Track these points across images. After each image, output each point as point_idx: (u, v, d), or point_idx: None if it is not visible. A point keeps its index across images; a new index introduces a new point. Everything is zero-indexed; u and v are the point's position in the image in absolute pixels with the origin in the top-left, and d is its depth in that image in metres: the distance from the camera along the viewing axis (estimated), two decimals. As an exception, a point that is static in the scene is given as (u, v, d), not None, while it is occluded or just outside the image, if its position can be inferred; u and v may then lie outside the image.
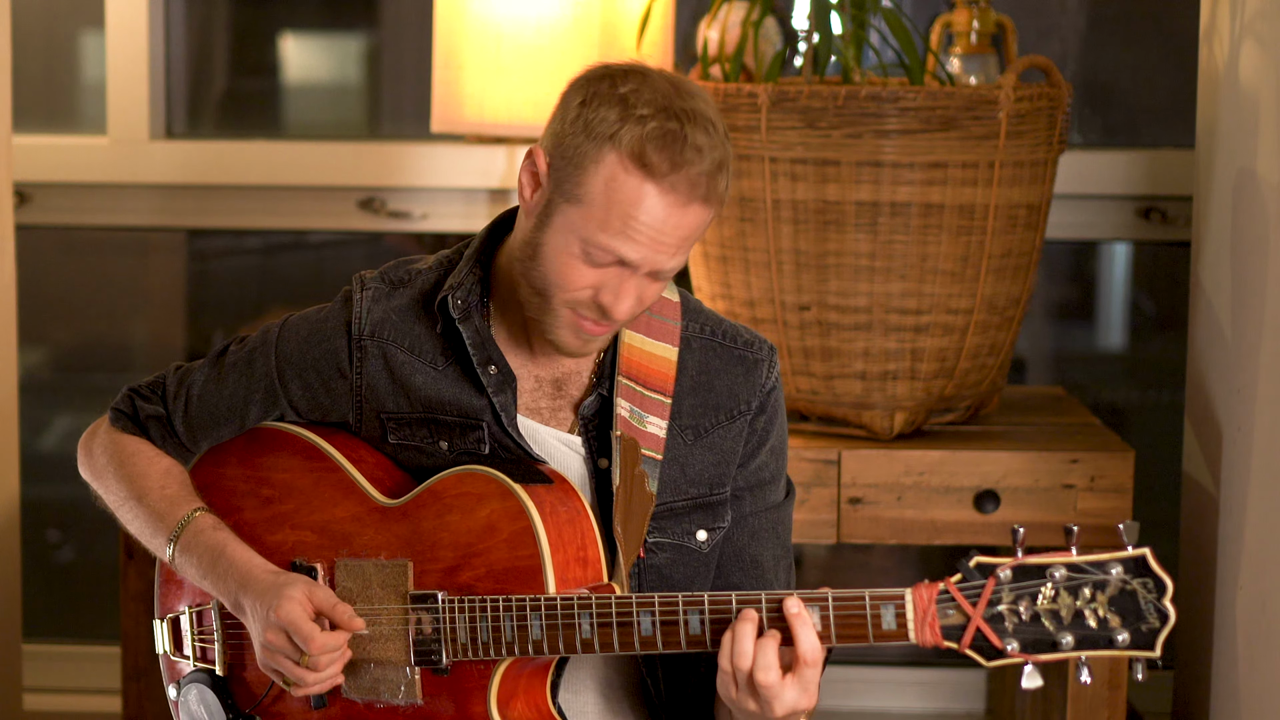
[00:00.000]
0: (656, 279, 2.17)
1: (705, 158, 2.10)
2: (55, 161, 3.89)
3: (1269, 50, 2.80)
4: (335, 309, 2.33)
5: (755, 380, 2.32)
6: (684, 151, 2.10)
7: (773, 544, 2.34)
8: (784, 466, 2.36)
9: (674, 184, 2.10)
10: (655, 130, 2.10)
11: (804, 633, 2.03)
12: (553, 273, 2.16)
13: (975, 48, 3.34)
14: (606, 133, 2.11)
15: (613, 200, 2.11)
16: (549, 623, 2.12)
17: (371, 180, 3.85)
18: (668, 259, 2.14)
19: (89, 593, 4.10)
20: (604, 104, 2.13)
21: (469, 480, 2.19)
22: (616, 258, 2.13)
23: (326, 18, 4.14)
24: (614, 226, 2.12)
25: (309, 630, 2.16)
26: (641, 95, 2.12)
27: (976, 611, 1.98)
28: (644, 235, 2.12)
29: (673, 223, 2.12)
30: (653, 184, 2.10)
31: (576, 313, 2.18)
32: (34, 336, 4.03)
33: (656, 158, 2.09)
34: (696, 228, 2.14)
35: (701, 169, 2.10)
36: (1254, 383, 2.80)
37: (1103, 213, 3.79)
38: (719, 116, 2.15)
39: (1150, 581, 1.95)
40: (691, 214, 2.12)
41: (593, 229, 2.13)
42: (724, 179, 2.13)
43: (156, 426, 2.38)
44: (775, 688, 2.04)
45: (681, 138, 2.10)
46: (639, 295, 2.16)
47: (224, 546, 2.26)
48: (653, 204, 2.11)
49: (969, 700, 3.90)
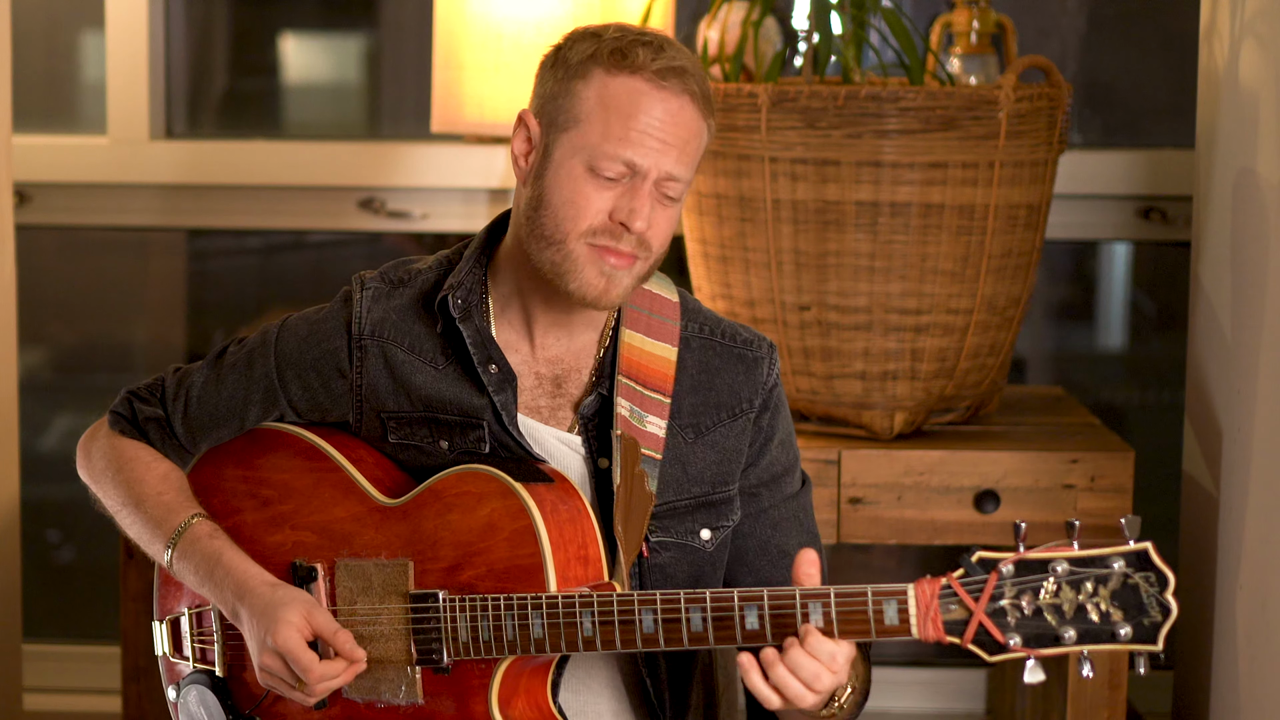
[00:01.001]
0: (666, 199, 2.18)
1: (686, 58, 2.18)
2: (55, 161, 3.89)
3: (1269, 50, 2.80)
4: (335, 309, 2.33)
5: (756, 378, 2.32)
6: (665, 49, 2.17)
7: (797, 532, 2.34)
8: (796, 458, 2.36)
9: (662, 74, 2.16)
10: (631, 39, 2.17)
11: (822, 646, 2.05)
12: (563, 206, 2.18)
13: (975, 48, 3.34)
14: (586, 56, 2.18)
15: (609, 106, 2.16)
16: (550, 621, 2.12)
17: (371, 180, 3.85)
18: (674, 161, 2.17)
19: (89, 593, 4.09)
20: (577, 43, 2.20)
21: (470, 479, 2.19)
22: (623, 163, 2.16)
23: (326, 18, 4.14)
24: (615, 131, 2.16)
25: (307, 661, 2.15)
26: (609, 28, 2.20)
27: (979, 606, 1.98)
28: (646, 133, 2.16)
29: (670, 117, 2.16)
30: (642, 79, 2.16)
31: (594, 245, 2.18)
32: (34, 336, 4.03)
33: (641, 53, 2.16)
34: (695, 130, 2.18)
35: (685, 64, 2.17)
36: (1254, 383, 2.80)
37: (1103, 213, 3.79)
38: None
39: (1152, 575, 1.95)
40: (686, 110, 2.17)
41: (595, 140, 2.16)
42: (709, 90, 2.19)
43: (155, 428, 2.38)
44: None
45: (658, 42, 2.18)
46: (654, 216, 2.18)
47: (220, 554, 2.26)
48: (648, 99, 2.16)
49: (969, 700, 3.90)
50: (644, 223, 2.17)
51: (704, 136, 2.21)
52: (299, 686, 2.17)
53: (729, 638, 2.07)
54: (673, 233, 2.23)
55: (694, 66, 2.19)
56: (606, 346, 2.30)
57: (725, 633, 2.07)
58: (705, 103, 2.20)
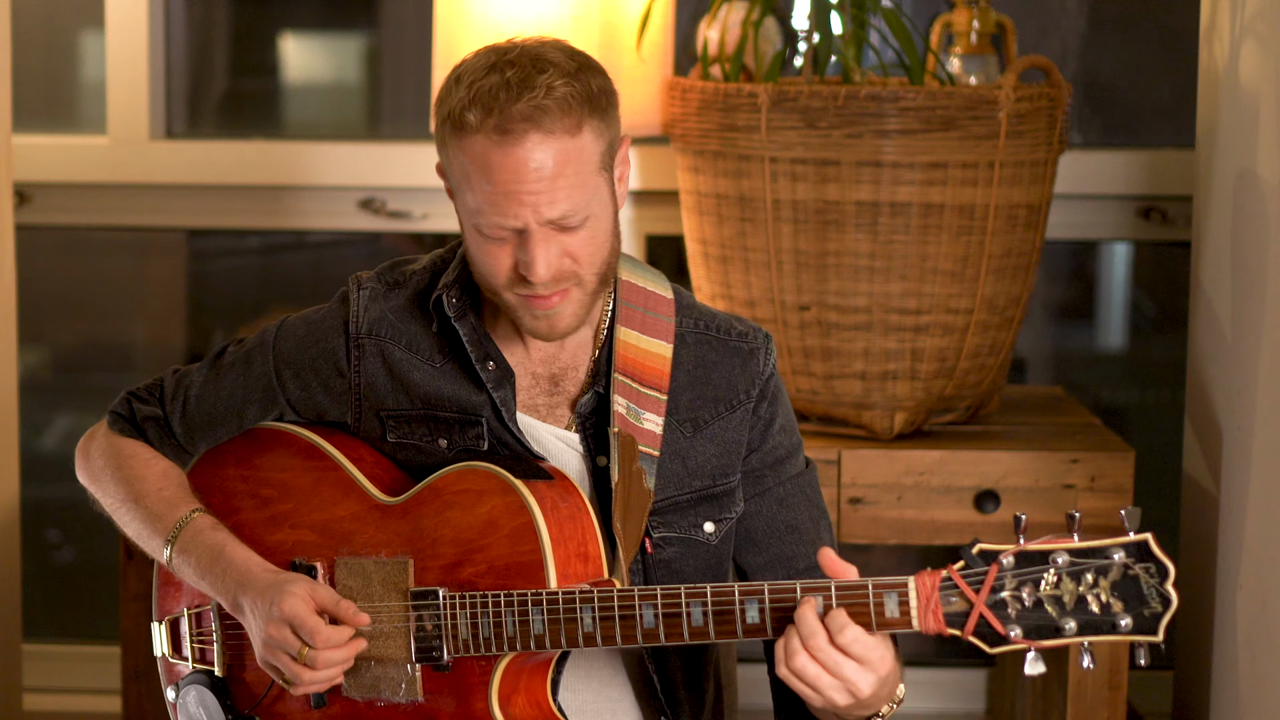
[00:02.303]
0: (567, 229, 2.14)
1: (530, 91, 2.09)
2: (55, 161, 3.89)
3: (1269, 50, 2.80)
4: (332, 309, 2.34)
5: (753, 369, 2.32)
6: (495, 96, 2.10)
7: (805, 506, 2.34)
8: (799, 443, 2.36)
9: (499, 127, 2.10)
10: (474, 91, 2.11)
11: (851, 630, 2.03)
12: (480, 265, 2.19)
13: (975, 48, 3.34)
14: (445, 114, 2.14)
15: (469, 174, 2.13)
16: (551, 617, 2.12)
17: (371, 180, 3.85)
18: (548, 205, 2.12)
19: (89, 593, 4.10)
20: (445, 95, 2.16)
21: (470, 476, 2.20)
22: (501, 227, 2.14)
23: (326, 18, 4.14)
24: (481, 199, 2.13)
25: (314, 623, 2.16)
26: (472, 64, 2.15)
27: (979, 598, 1.98)
28: (506, 194, 2.11)
29: (521, 165, 2.10)
30: (480, 137, 2.11)
31: (517, 294, 2.18)
32: (34, 336, 4.03)
33: (472, 114, 2.10)
34: (559, 160, 2.11)
35: (523, 104, 2.09)
36: (1254, 383, 2.80)
37: (1103, 213, 3.79)
38: (559, 57, 2.14)
39: (1152, 566, 1.95)
40: (533, 147, 2.10)
41: (473, 210, 2.14)
42: (574, 101, 2.11)
43: (154, 428, 2.38)
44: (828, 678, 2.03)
45: (500, 84, 2.10)
46: (562, 251, 2.15)
47: (223, 547, 2.26)
48: (494, 157, 2.10)
49: (969, 700, 3.90)
50: (544, 269, 2.14)
51: (580, 151, 2.13)
52: (302, 655, 2.17)
53: (730, 632, 2.07)
54: (608, 239, 2.19)
55: (548, 87, 2.10)
56: (602, 344, 2.30)
57: (726, 627, 2.07)
58: (568, 117, 2.11)
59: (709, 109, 3.08)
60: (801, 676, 2.02)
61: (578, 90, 2.12)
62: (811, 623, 2.01)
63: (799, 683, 2.03)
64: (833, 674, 2.02)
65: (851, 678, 2.02)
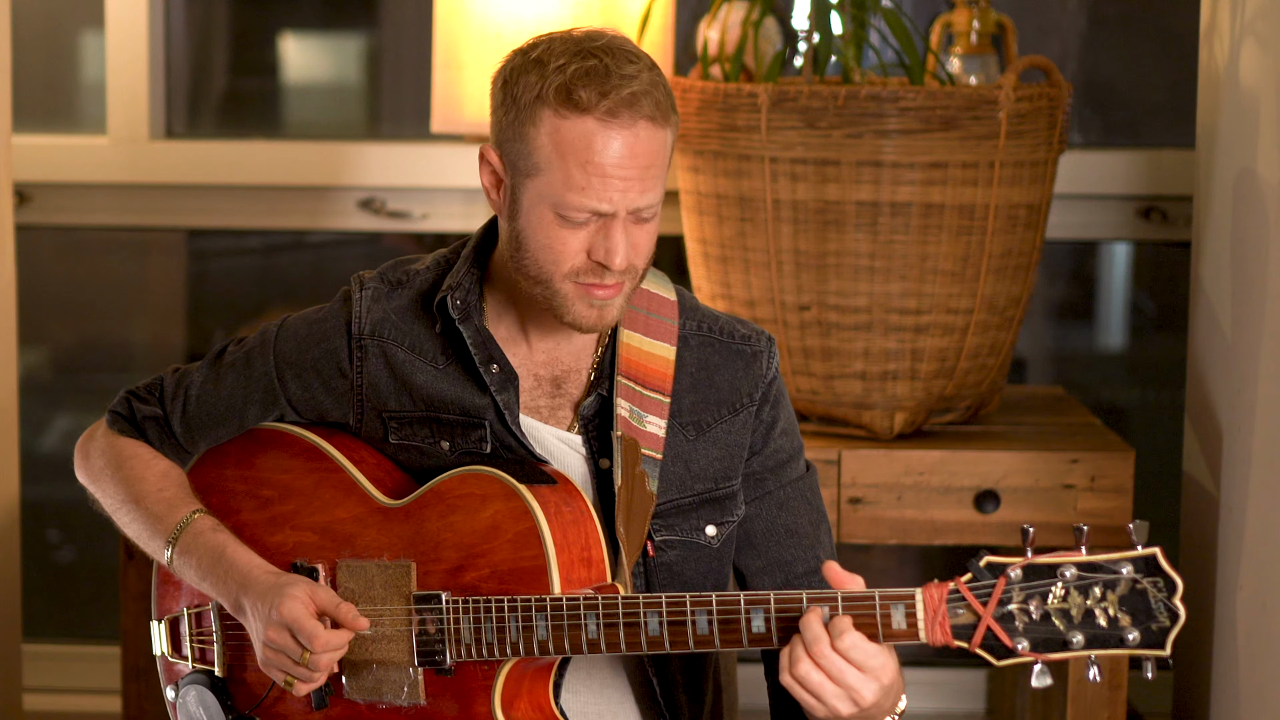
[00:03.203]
0: (641, 220, 2.16)
1: (633, 79, 2.11)
2: (55, 161, 3.89)
3: (1269, 50, 2.80)
4: (334, 309, 2.33)
5: (756, 372, 2.32)
6: (609, 79, 2.11)
7: (805, 510, 2.34)
8: (800, 447, 2.36)
9: (611, 109, 2.10)
10: (575, 71, 2.11)
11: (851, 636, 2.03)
12: (541, 251, 2.17)
13: (975, 48, 3.34)
14: (533, 95, 2.13)
15: (564, 153, 2.12)
16: (555, 623, 2.12)
17: (371, 180, 3.85)
18: (639, 194, 2.13)
19: (89, 593, 4.09)
20: (522, 74, 2.15)
21: (473, 480, 2.19)
22: (590, 210, 2.13)
23: (326, 18, 4.14)
24: (576, 179, 2.12)
25: (312, 628, 2.16)
26: (553, 50, 2.14)
27: (987, 611, 1.98)
28: (605, 175, 2.11)
29: (627, 150, 2.11)
30: (591, 118, 2.11)
31: (579, 283, 2.17)
32: (34, 336, 4.03)
33: (584, 92, 2.10)
34: (654, 150, 2.13)
35: (633, 88, 2.11)
36: (1254, 383, 2.80)
37: (1103, 213, 3.79)
38: (641, 51, 2.16)
39: (1160, 580, 1.95)
40: (642, 135, 2.12)
41: (558, 190, 2.13)
42: (663, 95, 2.13)
43: (154, 428, 2.38)
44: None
45: (602, 68, 2.11)
46: (631, 243, 2.15)
47: (224, 548, 2.26)
48: (600, 139, 2.11)
49: (969, 700, 3.90)
50: (623, 258, 2.15)
51: (667, 145, 2.16)
52: (304, 659, 2.17)
53: (735, 640, 2.07)
54: (657, 230, 2.21)
55: (645, 78, 2.13)
56: (605, 347, 2.29)
57: (731, 635, 2.07)
58: (662, 110, 2.14)
59: (709, 109, 3.08)
60: (805, 684, 2.02)
61: (662, 82, 2.15)
62: (816, 629, 2.02)
63: (802, 691, 2.03)
64: (836, 681, 2.02)
65: (854, 685, 2.02)
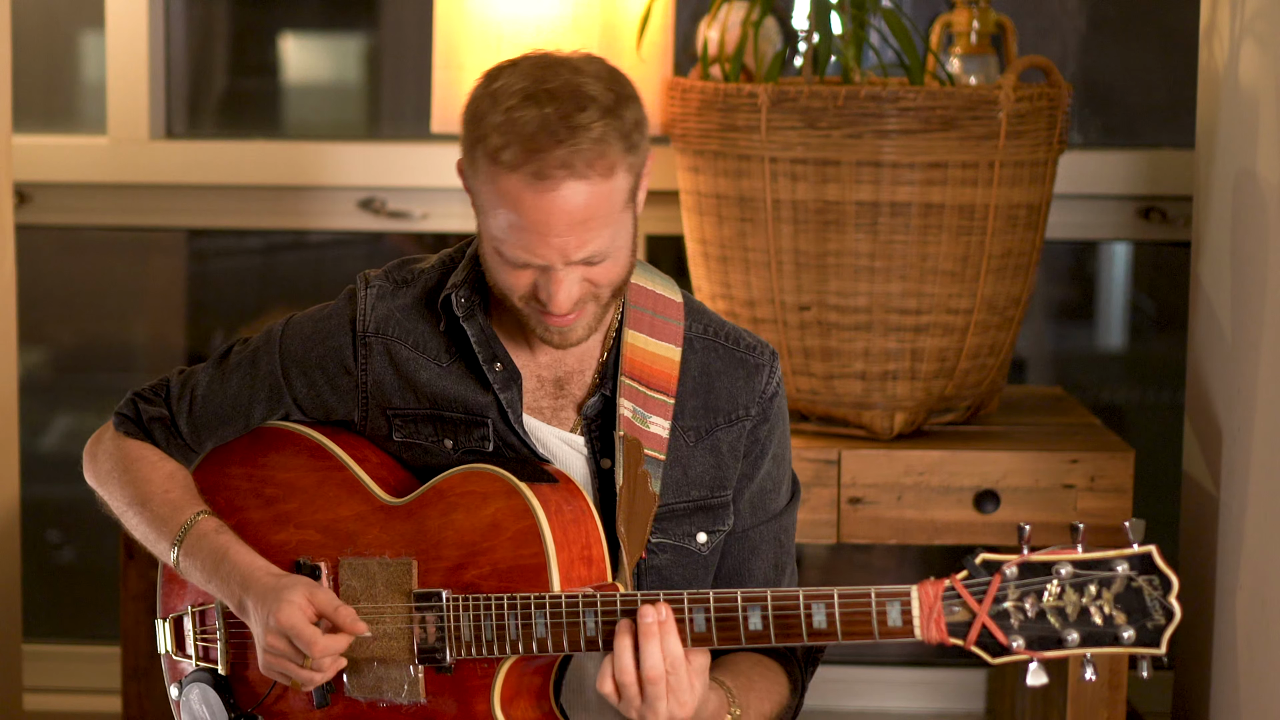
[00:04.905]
0: (592, 264, 2.13)
1: (575, 132, 2.06)
2: (55, 161, 3.89)
3: (1269, 50, 2.80)
4: (339, 306, 2.34)
5: (755, 385, 2.31)
6: (539, 137, 2.06)
7: (772, 554, 2.34)
8: (786, 472, 2.36)
9: (538, 172, 2.06)
10: (510, 124, 2.07)
11: (648, 647, 2.07)
12: (495, 275, 2.17)
13: (975, 48, 3.34)
14: (479, 135, 2.10)
15: (497, 205, 2.10)
16: (554, 621, 2.12)
17: (371, 180, 3.85)
18: (575, 249, 2.10)
19: (89, 593, 4.10)
20: (479, 104, 2.12)
21: (474, 479, 2.20)
22: (524, 263, 2.12)
23: (326, 18, 4.14)
24: (511, 234, 2.10)
25: (310, 635, 2.16)
26: (511, 85, 2.10)
27: (982, 608, 1.98)
28: (536, 234, 2.09)
29: (556, 210, 2.07)
30: (516, 178, 2.07)
31: (531, 308, 2.17)
32: (34, 336, 4.03)
33: (510, 153, 2.07)
34: (591, 205, 2.08)
35: (562, 149, 2.06)
36: (1254, 383, 2.80)
37: (1103, 213, 3.79)
38: (608, 86, 2.11)
39: (1156, 578, 1.96)
40: (569, 195, 2.07)
41: (498, 236, 2.12)
42: (615, 140, 2.08)
43: (160, 428, 2.38)
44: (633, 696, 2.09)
45: (540, 121, 2.06)
46: (577, 284, 2.13)
47: (227, 550, 2.26)
48: (528, 199, 2.07)
49: (969, 700, 3.90)
50: (566, 303, 2.13)
51: (612, 194, 2.10)
52: (305, 664, 2.17)
53: (733, 638, 2.08)
54: (627, 261, 2.17)
55: (590, 133, 2.05)
56: (610, 348, 2.29)
57: (729, 633, 2.07)
58: (605, 161, 2.07)
59: (709, 109, 3.08)
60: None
61: (615, 130, 2.09)
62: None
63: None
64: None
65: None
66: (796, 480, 2.38)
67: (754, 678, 2.25)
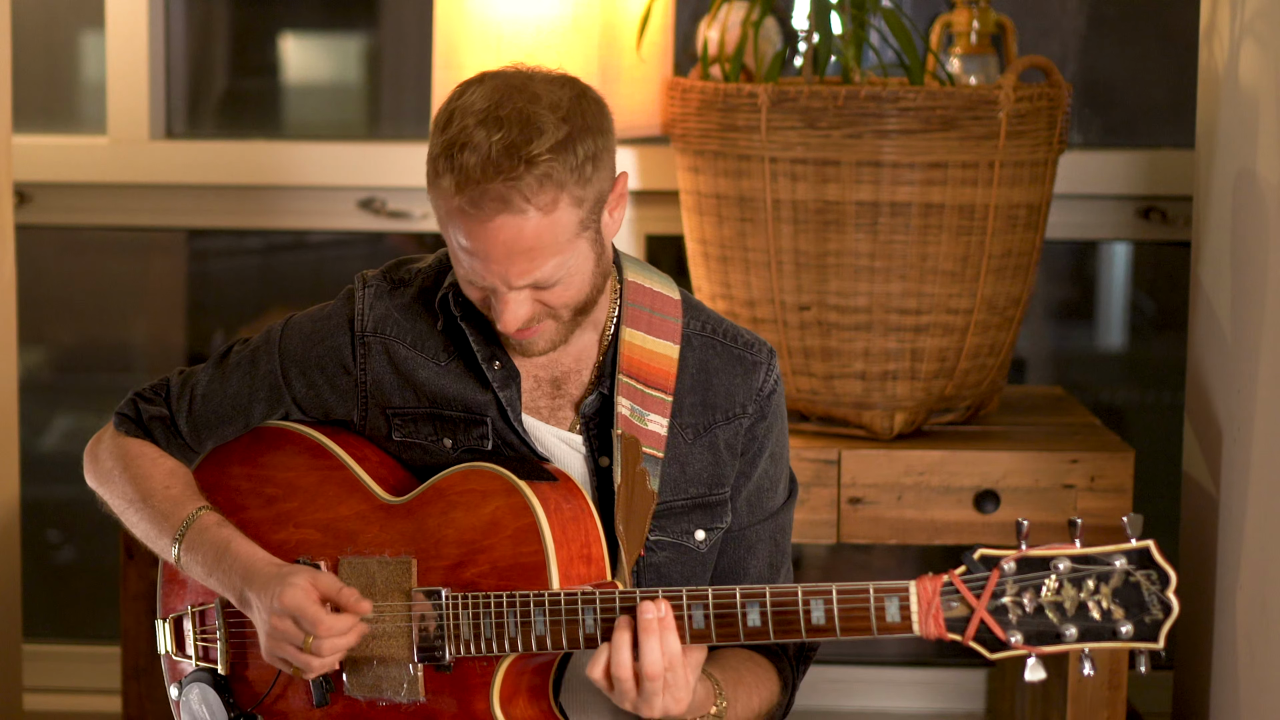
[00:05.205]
0: (542, 289, 2.14)
1: (502, 166, 2.05)
2: (55, 161, 3.89)
3: (1269, 50, 2.80)
4: (338, 306, 2.34)
5: (753, 383, 2.31)
6: (472, 169, 2.05)
7: (768, 553, 2.34)
8: (784, 470, 2.36)
9: (473, 201, 2.06)
10: (454, 145, 2.07)
11: (647, 643, 2.07)
12: (460, 285, 2.19)
13: (975, 48, 3.34)
14: (433, 153, 2.11)
15: (445, 222, 2.12)
16: (553, 619, 2.12)
17: (371, 180, 3.85)
18: (517, 276, 2.10)
19: (89, 593, 4.10)
20: (440, 118, 2.12)
21: (474, 477, 2.20)
22: (470, 280, 2.14)
23: (326, 18, 4.14)
24: (459, 251, 2.13)
25: (315, 613, 2.16)
26: (471, 104, 2.09)
27: (980, 604, 1.98)
28: (475, 257, 2.10)
29: (491, 239, 2.08)
30: (457, 202, 2.08)
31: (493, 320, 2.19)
32: (34, 336, 4.03)
33: (449, 180, 2.07)
34: (525, 237, 2.08)
35: (496, 183, 2.05)
36: (1254, 383, 2.80)
37: (1103, 213, 3.79)
38: (564, 117, 2.09)
39: (1154, 573, 1.96)
40: (504, 226, 2.07)
41: (452, 249, 2.15)
42: (544, 182, 2.06)
43: (160, 428, 2.39)
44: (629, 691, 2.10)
45: (475, 152, 2.05)
46: (525, 305, 2.14)
47: (228, 543, 2.27)
48: (465, 225, 2.08)
49: (969, 700, 3.90)
50: (513, 322, 2.14)
51: (555, 226, 2.08)
52: (307, 645, 2.17)
53: (732, 635, 2.08)
54: (586, 283, 2.16)
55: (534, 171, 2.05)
56: (607, 346, 2.29)
57: (728, 630, 2.08)
58: (546, 192, 2.06)
59: (709, 109, 3.08)
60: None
61: (561, 164, 2.07)
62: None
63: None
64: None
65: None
66: (794, 479, 2.38)
67: (743, 672, 2.26)
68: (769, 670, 2.30)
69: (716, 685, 2.20)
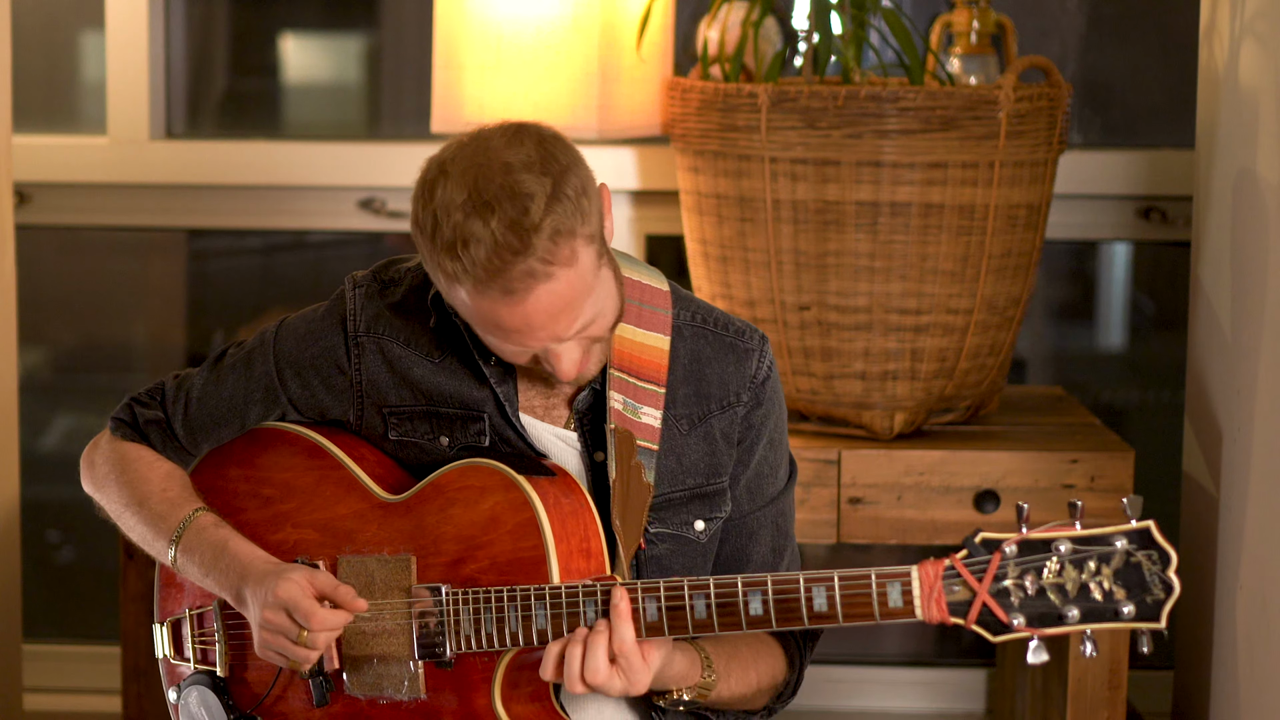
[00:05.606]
0: (586, 333, 2.14)
1: (520, 246, 2.04)
2: (55, 161, 3.89)
3: (1269, 50, 2.80)
4: (330, 307, 2.35)
5: (746, 370, 2.31)
6: (495, 258, 2.04)
7: (770, 538, 2.34)
8: (783, 455, 2.36)
9: (504, 289, 2.05)
10: (458, 245, 2.04)
11: (620, 627, 2.08)
12: (491, 346, 2.17)
13: (975, 48, 3.34)
14: (435, 261, 2.08)
15: (473, 317, 2.12)
16: (554, 611, 2.12)
17: (371, 180, 3.85)
18: (565, 328, 2.11)
19: (89, 593, 4.10)
20: (425, 223, 2.08)
21: (472, 473, 2.20)
22: (516, 352, 2.14)
23: (326, 18, 4.14)
24: (493, 337, 2.13)
25: (309, 606, 2.16)
26: (450, 199, 2.06)
27: (982, 587, 1.98)
28: (520, 332, 2.10)
29: (530, 314, 2.08)
30: (487, 299, 2.07)
31: (540, 368, 2.18)
32: (34, 336, 4.03)
33: (470, 280, 2.06)
34: (564, 296, 2.08)
35: (521, 263, 2.05)
36: (1254, 383, 2.80)
37: (1103, 213, 3.79)
38: (542, 170, 2.06)
39: (1154, 553, 1.96)
40: (542, 296, 2.07)
41: (485, 334, 2.14)
42: (558, 239, 2.05)
43: (156, 431, 2.39)
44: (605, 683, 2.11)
45: (485, 247, 2.04)
46: (578, 349, 2.15)
47: (225, 543, 2.27)
48: (502, 312, 2.08)
49: (969, 700, 3.90)
50: (571, 370, 2.15)
51: (581, 268, 2.07)
52: (301, 638, 2.17)
53: (734, 624, 2.08)
54: (616, 303, 2.16)
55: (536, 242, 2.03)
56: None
57: (730, 619, 2.08)
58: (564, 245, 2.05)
59: (709, 109, 3.08)
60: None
61: (562, 213, 2.06)
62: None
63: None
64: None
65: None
66: (793, 461, 2.38)
67: (740, 646, 2.26)
68: (772, 646, 2.30)
69: (705, 657, 2.20)
